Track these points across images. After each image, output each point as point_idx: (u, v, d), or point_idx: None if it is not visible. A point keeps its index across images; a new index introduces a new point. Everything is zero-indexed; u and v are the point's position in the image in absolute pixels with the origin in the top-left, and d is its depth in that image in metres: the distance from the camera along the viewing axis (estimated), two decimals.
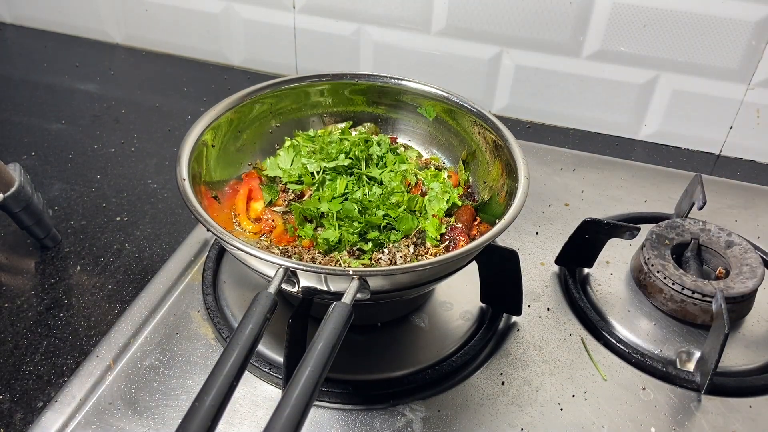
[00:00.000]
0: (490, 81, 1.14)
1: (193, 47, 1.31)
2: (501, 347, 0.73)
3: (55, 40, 1.37)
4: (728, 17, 0.97)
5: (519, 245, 0.86)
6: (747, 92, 1.03)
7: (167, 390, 0.66)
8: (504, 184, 0.72)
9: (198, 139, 0.71)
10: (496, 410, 0.66)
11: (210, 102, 0.75)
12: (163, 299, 0.76)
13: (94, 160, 1.02)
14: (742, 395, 0.69)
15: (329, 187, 0.73)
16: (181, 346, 0.71)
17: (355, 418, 0.65)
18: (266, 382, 0.68)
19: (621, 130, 1.14)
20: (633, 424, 0.66)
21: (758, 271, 0.76)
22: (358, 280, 0.55)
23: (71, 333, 0.73)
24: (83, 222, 0.89)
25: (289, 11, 1.18)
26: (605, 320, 0.76)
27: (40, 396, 0.66)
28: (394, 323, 0.74)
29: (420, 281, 0.62)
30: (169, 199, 0.94)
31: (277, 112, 0.82)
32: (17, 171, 0.79)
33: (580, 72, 1.09)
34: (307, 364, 0.47)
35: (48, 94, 1.19)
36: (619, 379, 0.70)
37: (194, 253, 0.83)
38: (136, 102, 1.18)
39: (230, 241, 0.57)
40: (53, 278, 0.80)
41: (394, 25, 1.13)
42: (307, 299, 0.60)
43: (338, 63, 1.21)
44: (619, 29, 1.03)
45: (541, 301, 0.79)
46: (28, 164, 0.98)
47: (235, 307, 0.75)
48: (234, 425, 0.63)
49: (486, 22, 1.08)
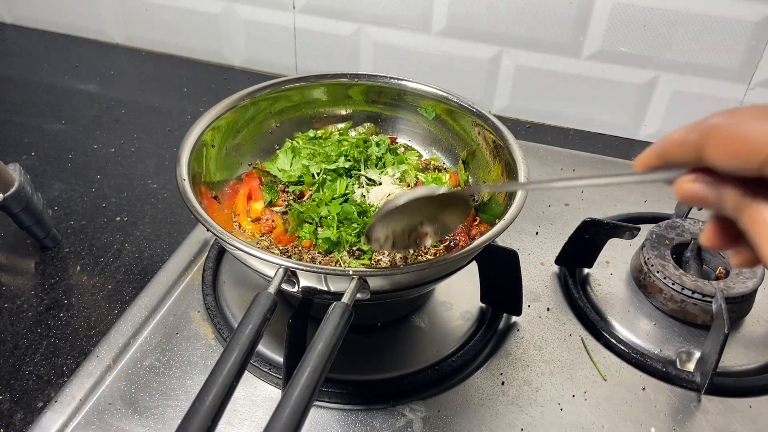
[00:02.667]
0: (490, 81, 1.14)
1: (193, 47, 1.31)
2: (501, 347, 0.73)
3: (55, 40, 1.37)
4: (728, 17, 0.97)
5: (519, 245, 0.86)
6: (747, 92, 1.03)
7: (167, 390, 0.66)
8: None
9: (198, 139, 0.71)
10: (496, 410, 0.66)
11: (210, 102, 0.75)
12: (163, 299, 0.76)
13: (93, 160, 1.02)
14: (742, 395, 0.69)
15: (329, 188, 0.73)
16: (181, 346, 0.71)
17: (355, 418, 0.65)
18: (266, 382, 0.68)
19: (621, 130, 1.14)
20: (633, 424, 0.66)
21: (758, 271, 0.76)
22: (357, 280, 0.55)
23: (71, 333, 0.73)
24: (83, 222, 0.89)
25: (289, 11, 1.18)
26: (605, 320, 0.76)
27: (39, 396, 0.66)
28: (394, 323, 0.74)
29: (420, 281, 0.62)
30: (169, 200, 0.94)
31: (277, 112, 0.82)
32: (17, 171, 0.79)
33: (580, 72, 1.09)
34: (307, 364, 0.47)
35: (48, 95, 1.19)
36: (619, 379, 0.70)
37: (194, 254, 0.83)
38: (135, 102, 1.18)
39: (230, 242, 0.57)
40: (53, 278, 0.80)
41: (394, 25, 1.13)
42: (307, 299, 0.60)
43: (338, 63, 1.21)
44: (619, 29, 1.03)
45: (541, 301, 0.79)
46: (28, 164, 0.98)
47: (235, 307, 0.75)
48: (234, 425, 0.63)
49: (486, 22, 1.08)
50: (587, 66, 1.08)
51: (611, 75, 1.08)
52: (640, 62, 1.05)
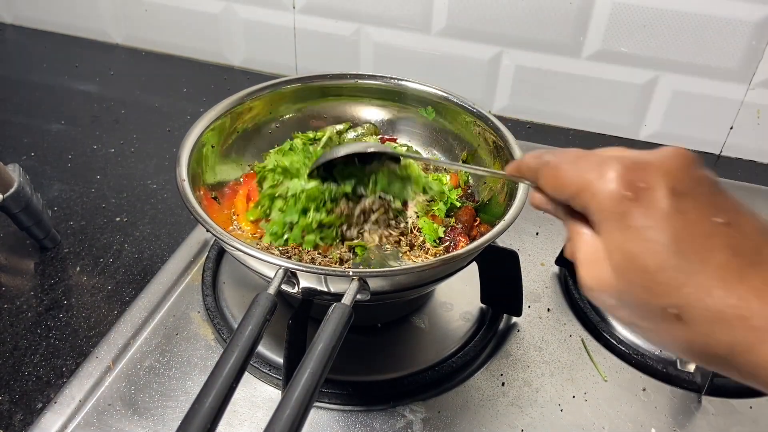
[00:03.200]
0: (490, 81, 1.14)
1: (193, 47, 1.30)
2: (501, 348, 0.73)
3: (55, 40, 1.37)
4: (728, 17, 0.97)
5: (519, 246, 0.86)
6: (747, 92, 1.03)
7: (167, 391, 0.66)
8: (504, 185, 0.71)
9: (198, 139, 0.71)
10: (496, 411, 0.66)
11: (210, 102, 0.75)
12: (163, 300, 0.76)
13: (93, 160, 1.02)
14: (743, 396, 0.69)
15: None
16: (180, 347, 0.71)
17: (355, 419, 0.65)
18: (266, 383, 0.68)
19: (621, 131, 1.14)
20: (633, 425, 0.65)
21: None
22: (357, 281, 0.55)
23: (71, 334, 0.73)
24: (83, 222, 0.89)
25: (289, 11, 1.18)
26: (605, 321, 0.76)
27: (39, 397, 0.66)
28: (394, 324, 0.74)
29: (420, 282, 0.62)
30: (169, 200, 0.94)
31: (277, 112, 0.82)
32: (17, 171, 0.79)
33: (580, 72, 1.09)
34: (307, 365, 0.47)
35: (47, 95, 1.19)
36: (620, 380, 0.70)
37: (194, 254, 0.83)
38: (135, 102, 1.18)
39: (230, 242, 0.57)
40: (53, 279, 0.80)
41: (394, 25, 1.13)
42: (307, 300, 0.60)
43: (338, 63, 1.21)
44: (619, 29, 1.03)
45: (541, 302, 0.79)
46: (27, 165, 0.98)
47: (235, 308, 0.75)
48: (234, 426, 0.63)
49: (486, 22, 1.08)
50: (587, 66, 1.08)
51: (611, 75, 1.08)
52: (640, 62, 1.05)
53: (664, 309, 0.35)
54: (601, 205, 0.37)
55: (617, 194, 0.36)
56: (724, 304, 0.33)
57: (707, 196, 0.36)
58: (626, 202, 0.35)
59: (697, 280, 0.34)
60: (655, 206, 0.35)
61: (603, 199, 0.36)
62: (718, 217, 0.35)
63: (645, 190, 0.35)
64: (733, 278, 0.33)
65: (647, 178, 0.36)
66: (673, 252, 0.34)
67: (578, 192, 0.38)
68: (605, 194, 0.36)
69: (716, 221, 0.35)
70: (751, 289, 0.33)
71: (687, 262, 0.34)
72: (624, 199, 0.36)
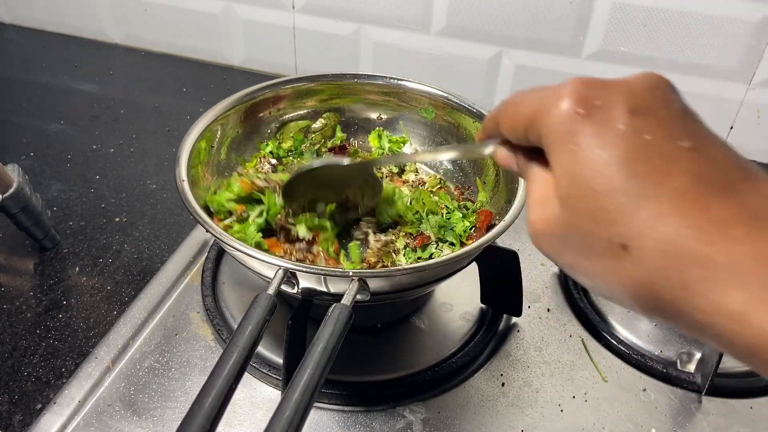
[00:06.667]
0: (490, 81, 1.14)
1: (193, 47, 1.30)
2: (501, 348, 0.73)
3: (54, 40, 1.37)
4: (728, 17, 0.97)
5: (519, 246, 0.86)
6: (747, 92, 1.03)
7: (166, 391, 0.66)
8: (495, 175, 0.72)
9: (197, 139, 0.70)
10: (496, 411, 0.66)
11: (209, 102, 0.75)
12: (162, 300, 0.76)
13: (93, 160, 1.02)
14: (743, 396, 0.69)
15: None
16: (180, 348, 0.71)
17: (355, 419, 0.65)
18: (266, 383, 0.68)
19: None
20: (633, 426, 0.65)
21: None
22: (357, 282, 0.54)
23: (70, 334, 0.73)
24: (82, 223, 0.89)
25: (289, 11, 1.18)
26: (606, 321, 0.76)
27: (38, 398, 0.66)
28: (394, 324, 0.74)
29: (420, 282, 0.62)
30: (168, 200, 0.94)
31: (277, 112, 0.82)
32: (16, 172, 0.79)
33: (580, 72, 1.09)
34: (307, 365, 0.47)
35: (47, 95, 1.19)
36: (620, 381, 0.70)
37: (193, 254, 0.83)
38: (135, 102, 1.18)
39: (229, 242, 0.57)
40: (52, 279, 0.80)
41: (394, 25, 1.13)
42: (307, 300, 0.60)
43: (338, 63, 1.21)
44: (619, 29, 1.02)
45: (541, 302, 0.79)
46: (26, 165, 0.98)
47: (235, 308, 0.75)
48: (233, 427, 0.63)
49: (486, 22, 1.08)
50: (587, 66, 1.08)
51: (611, 75, 1.07)
52: (640, 62, 1.05)
53: (611, 240, 0.30)
54: (551, 127, 0.32)
55: (569, 111, 0.32)
56: (678, 234, 0.28)
57: (673, 120, 0.32)
58: (578, 120, 0.31)
59: (650, 205, 0.29)
60: (608, 124, 0.31)
61: (553, 119, 0.32)
62: (683, 141, 0.31)
63: (599, 108, 0.31)
64: (693, 206, 0.28)
65: (605, 96, 0.32)
66: (625, 174, 0.30)
67: (532, 118, 0.34)
68: (556, 113, 0.32)
69: (680, 144, 0.30)
70: (712, 220, 0.28)
71: (640, 185, 0.29)
72: (576, 116, 0.31)
